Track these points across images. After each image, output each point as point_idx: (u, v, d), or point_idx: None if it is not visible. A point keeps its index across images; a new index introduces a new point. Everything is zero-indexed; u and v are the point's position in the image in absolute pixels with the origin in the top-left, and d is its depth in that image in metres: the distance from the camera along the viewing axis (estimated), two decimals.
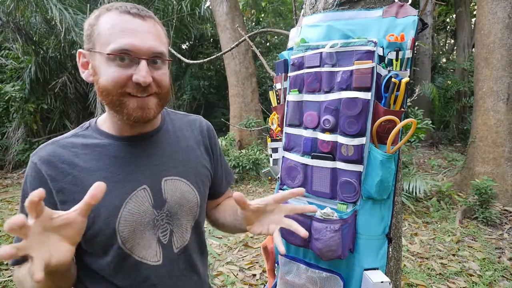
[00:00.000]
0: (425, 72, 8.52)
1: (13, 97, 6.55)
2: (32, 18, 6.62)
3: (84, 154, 0.66)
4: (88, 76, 0.66)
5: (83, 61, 0.67)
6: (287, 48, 1.06)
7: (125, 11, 0.63)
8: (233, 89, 6.16)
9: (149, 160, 0.70)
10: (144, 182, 0.68)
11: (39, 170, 0.63)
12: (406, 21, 0.83)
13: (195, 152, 0.79)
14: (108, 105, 0.64)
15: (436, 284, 2.40)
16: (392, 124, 0.82)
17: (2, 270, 2.64)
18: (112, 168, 0.66)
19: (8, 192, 5.22)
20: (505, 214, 3.65)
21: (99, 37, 0.62)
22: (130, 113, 0.63)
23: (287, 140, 0.99)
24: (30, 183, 0.64)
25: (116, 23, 0.62)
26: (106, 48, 0.61)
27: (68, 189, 0.63)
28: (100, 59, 0.62)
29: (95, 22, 0.63)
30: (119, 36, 0.61)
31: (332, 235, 0.83)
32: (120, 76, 0.61)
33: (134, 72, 0.61)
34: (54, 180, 0.63)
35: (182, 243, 0.72)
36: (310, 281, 0.93)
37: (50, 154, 0.65)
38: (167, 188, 0.71)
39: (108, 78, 0.61)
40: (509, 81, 3.87)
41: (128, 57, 0.61)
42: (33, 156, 0.65)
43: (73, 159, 0.65)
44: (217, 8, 5.97)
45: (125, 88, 0.62)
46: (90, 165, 0.65)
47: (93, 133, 0.69)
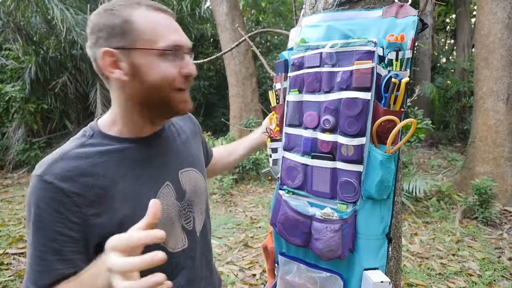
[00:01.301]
0: (425, 72, 8.52)
1: (13, 97, 6.55)
2: (32, 18, 6.62)
3: (103, 162, 0.62)
4: (121, 75, 0.62)
5: (110, 61, 0.61)
6: (287, 48, 1.06)
7: (156, 8, 0.62)
8: (233, 89, 6.16)
9: (164, 157, 0.73)
10: (166, 179, 0.71)
11: (59, 189, 0.57)
12: (406, 21, 0.83)
13: (193, 142, 0.86)
14: (154, 103, 0.64)
15: (436, 284, 2.40)
16: (392, 124, 0.82)
17: (2, 270, 2.65)
18: (136, 172, 0.66)
19: (8, 192, 5.22)
20: (505, 214, 3.65)
21: (142, 34, 0.59)
22: (178, 107, 0.65)
23: (287, 140, 0.99)
24: (47, 204, 0.57)
25: (157, 20, 0.61)
26: (156, 45, 0.60)
27: (98, 201, 0.60)
28: (147, 56, 0.60)
29: (128, 17, 0.59)
30: (167, 32, 0.61)
31: (332, 235, 0.84)
32: (172, 71, 0.61)
33: (181, 66, 0.63)
34: (79, 195, 0.58)
35: (201, 226, 0.80)
36: (310, 281, 0.93)
37: (66, 169, 0.59)
38: (184, 180, 0.76)
39: (160, 74, 0.61)
40: (509, 81, 3.88)
41: (178, 52, 0.62)
42: (45, 176, 0.57)
43: (93, 170, 0.61)
44: (217, 8, 5.97)
45: (175, 83, 0.63)
46: (113, 172, 0.63)
47: (103, 140, 0.66)
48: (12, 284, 2.45)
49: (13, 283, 2.45)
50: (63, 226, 0.57)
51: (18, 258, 2.84)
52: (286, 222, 0.92)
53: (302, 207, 0.92)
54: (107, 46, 0.60)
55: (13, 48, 6.76)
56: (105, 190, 0.61)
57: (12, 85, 6.62)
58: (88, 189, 0.59)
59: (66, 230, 0.58)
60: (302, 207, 0.92)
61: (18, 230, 3.50)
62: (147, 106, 0.65)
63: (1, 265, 2.70)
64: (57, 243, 0.57)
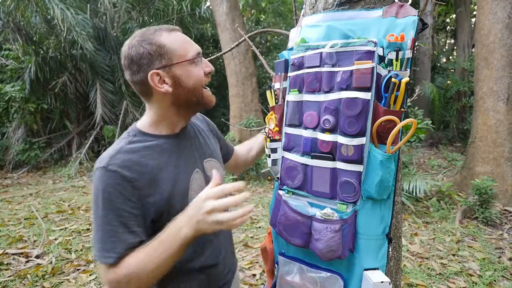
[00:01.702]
0: (425, 72, 8.52)
1: (13, 97, 6.55)
2: (32, 18, 6.62)
3: (148, 154, 0.78)
4: (167, 87, 0.78)
5: (157, 79, 0.77)
6: (287, 48, 1.06)
7: (172, 29, 0.79)
8: (233, 89, 6.16)
9: (191, 149, 0.89)
10: (196, 166, 0.87)
11: (122, 176, 0.72)
12: (406, 21, 0.83)
13: (210, 137, 1.02)
14: (192, 103, 0.82)
15: (436, 284, 2.40)
16: (392, 124, 0.82)
17: (2, 270, 2.65)
18: (172, 160, 0.81)
19: (8, 192, 5.22)
20: (505, 214, 3.65)
21: (174, 52, 0.76)
22: (209, 99, 0.84)
23: (286, 140, 0.99)
24: (114, 189, 0.71)
25: (177, 39, 0.78)
26: (187, 56, 0.77)
27: (149, 184, 0.75)
28: (182, 67, 0.77)
29: (160, 43, 0.76)
30: (189, 45, 0.79)
31: (332, 235, 0.83)
32: (201, 73, 0.80)
33: (203, 67, 0.81)
34: (136, 180, 0.73)
35: None
36: (310, 281, 0.93)
37: (124, 160, 0.74)
38: (208, 167, 0.91)
39: (195, 77, 0.79)
40: (509, 81, 3.87)
41: (200, 57, 0.80)
42: (109, 166, 0.72)
43: (143, 161, 0.76)
44: (217, 8, 5.97)
45: (202, 82, 0.82)
46: (157, 163, 0.78)
47: (145, 137, 0.81)
48: (12, 284, 2.44)
49: (12, 283, 2.45)
50: (127, 205, 0.72)
51: (18, 258, 2.84)
52: (286, 222, 0.92)
53: (302, 208, 0.91)
54: (151, 69, 0.75)
55: (13, 48, 6.76)
56: (153, 176, 0.76)
57: (12, 85, 6.62)
58: (141, 176, 0.74)
59: (129, 208, 0.72)
60: (302, 207, 0.92)
61: (17, 230, 3.50)
62: (186, 106, 0.83)
63: (1, 265, 2.70)
64: (124, 219, 0.72)
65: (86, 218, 3.87)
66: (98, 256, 0.71)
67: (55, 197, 4.87)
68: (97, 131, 7.28)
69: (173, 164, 0.81)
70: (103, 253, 0.70)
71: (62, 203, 4.50)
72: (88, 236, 3.35)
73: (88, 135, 7.49)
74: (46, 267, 2.67)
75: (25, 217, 3.91)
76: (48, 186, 5.64)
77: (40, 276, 2.54)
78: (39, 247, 3.02)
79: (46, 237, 3.26)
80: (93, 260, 2.78)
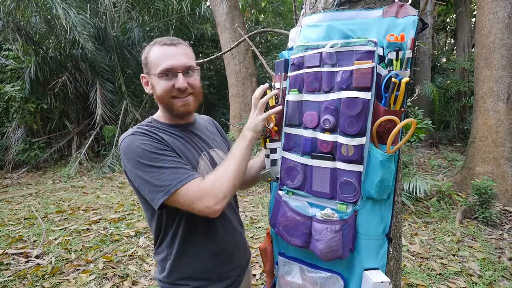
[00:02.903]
0: (425, 72, 8.52)
1: (13, 97, 6.55)
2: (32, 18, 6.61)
3: (162, 133, 0.94)
4: (149, 90, 0.98)
5: (145, 81, 0.99)
6: (287, 48, 1.06)
7: (163, 43, 0.94)
8: (233, 89, 6.15)
9: (199, 138, 1.05)
10: (203, 151, 1.02)
11: (151, 132, 0.91)
12: (406, 21, 0.83)
13: (216, 136, 1.16)
14: (164, 107, 0.98)
15: (436, 284, 2.40)
16: (392, 124, 0.82)
17: (2, 270, 2.64)
18: (181, 143, 0.97)
19: (8, 192, 5.21)
20: (505, 214, 3.65)
21: (151, 64, 0.94)
22: (178, 109, 0.95)
23: (286, 140, 0.99)
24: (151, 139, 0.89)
25: (159, 53, 0.93)
26: (157, 70, 0.92)
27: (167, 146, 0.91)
28: (154, 78, 0.94)
29: (147, 54, 0.95)
30: (162, 60, 0.92)
31: (333, 235, 0.83)
32: (168, 86, 0.93)
33: (176, 82, 0.92)
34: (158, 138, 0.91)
35: None
36: (310, 281, 0.93)
37: (147, 129, 0.92)
38: (214, 155, 1.05)
39: (161, 88, 0.93)
40: (509, 81, 3.87)
41: (170, 73, 0.92)
42: (138, 129, 0.92)
43: (159, 135, 0.92)
44: (217, 8, 5.96)
45: (171, 93, 0.93)
46: (170, 140, 0.93)
47: (159, 124, 0.99)
48: (12, 284, 2.44)
49: (12, 283, 2.45)
50: (168, 149, 0.90)
51: (18, 258, 2.84)
52: (286, 222, 0.92)
53: (302, 208, 0.91)
54: (143, 73, 0.99)
55: (13, 48, 6.75)
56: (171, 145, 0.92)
57: (12, 85, 6.61)
58: (161, 139, 0.91)
59: (171, 151, 0.90)
60: (302, 207, 0.91)
61: (17, 230, 3.50)
62: (163, 109, 1.00)
63: (1, 265, 2.70)
64: (175, 157, 0.89)
65: (86, 218, 3.87)
66: (186, 178, 0.84)
67: (55, 197, 4.87)
68: (97, 131, 7.28)
69: (182, 145, 0.96)
70: (183, 179, 0.84)
71: (62, 203, 4.50)
72: (87, 236, 3.35)
73: (88, 135, 7.49)
74: (46, 267, 2.67)
75: (25, 217, 3.91)
76: (48, 186, 5.64)
77: (40, 276, 2.54)
78: (39, 247, 3.02)
79: (46, 237, 3.26)
80: (93, 260, 2.78)
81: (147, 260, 2.84)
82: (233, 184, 0.86)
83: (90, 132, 7.49)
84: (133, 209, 4.19)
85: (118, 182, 5.80)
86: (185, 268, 0.95)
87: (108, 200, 4.66)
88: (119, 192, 5.09)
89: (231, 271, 1.02)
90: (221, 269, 0.99)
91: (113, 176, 6.27)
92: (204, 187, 0.84)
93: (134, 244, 3.14)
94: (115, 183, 5.73)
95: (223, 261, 1.00)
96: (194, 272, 0.96)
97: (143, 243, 3.16)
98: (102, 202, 4.55)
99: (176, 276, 0.96)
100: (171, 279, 0.96)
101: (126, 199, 4.68)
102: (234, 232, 1.05)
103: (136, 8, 7.67)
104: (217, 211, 0.84)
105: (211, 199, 0.83)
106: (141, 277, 2.57)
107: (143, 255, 2.91)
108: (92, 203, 4.51)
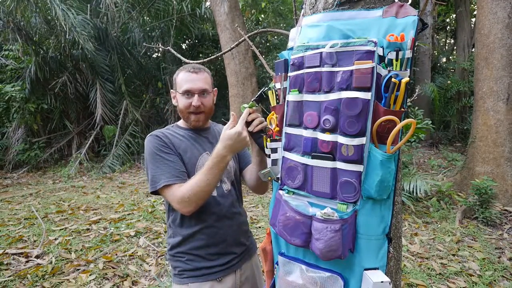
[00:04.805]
0: (425, 72, 8.52)
1: (13, 97, 6.55)
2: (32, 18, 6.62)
3: (175, 136, 1.23)
4: (175, 103, 1.28)
5: (173, 95, 1.28)
6: (287, 48, 1.06)
7: (188, 70, 1.23)
8: (233, 89, 6.15)
9: (207, 140, 1.30)
10: (206, 150, 1.26)
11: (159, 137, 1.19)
12: (406, 21, 0.83)
13: None
14: (183, 118, 1.27)
15: (436, 284, 2.40)
16: (392, 124, 0.82)
17: (2, 270, 2.65)
18: (189, 143, 1.24)
19: (8, 192, 5.22)
20: (505, 214, 3.65)
21: (177, 84, 1.24)
22: (191, 123, 1.26)
23: (287, 140, 0.99)
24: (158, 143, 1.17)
25: (183, 77, 1.23)
26: (180, 90, 1.22)
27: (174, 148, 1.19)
28: (178, 95, 1.24)
29: (177, 76, 1.25)
30: (184, 83, 1.21)
31: (332, 235, 0.83)
32: (187, 103, 1.22)
33: (192, 101, 1.21)
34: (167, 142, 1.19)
35: (228, 188, 1.26)
36: (310, 281, 0.93)
37: (161, 133, 1.21)
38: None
39: (182, 104, 1.23)
40: (509, 81, 3.88)
41: (189, 93, 1.21)
42: (152, 134, 1.21)
43: (171, 137, 1.21)
44: (217, 8, 5.96)
45: (189, 109, 1.22)
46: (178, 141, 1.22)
47: (176, 129, 1.29)
48: (12, 284, 2.44)
49: (12, 283, 2.45)
50: (171, 151, 1.17)
51: (18, 258, 2.84)
52: (286, 222, 0.92)
53: (303, 207, 0.91)
54: (172, 89, 1.29)
55: (13, 48, 6.75)
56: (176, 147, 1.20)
57: (12, 85, 6.61)
58: (169, 142, 1.20)
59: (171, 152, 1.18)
60: (302, 207, 0.92)
61: (17, 230, 3.50)
62: (183, 118, 1.28)
63: (1, 265, 2.70)
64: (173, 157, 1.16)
65: (86, 218, 3.87)
66: (166, 181, 1.10)
67: (55, 197, 4.87)
68: (97, 131, 7.28)
69: (186, 146, 1.23)
70: (170, 178, 1.10)
71: (62, 203, 4.50)
72: (88, 236, 3.35)
73: (88, 135, 7.50)
74: (46, 267, 2.67)
75: (25, 217, 3.91)
76: (48, 186, 5.64)
77: (40, 276, 2.54)
78: (39, 247, 3.02)
79: (46, 237, 3.26)
80: (93, 260, 2.78)
81: (147, 260, 2.84)
82: (203, 192, 1.07)
83: (90, 132, 7.50)
84: (133, 209, 4.19)
85: (118, 182, 5.81)
86: (183, 243, 1.19)
87: (108, 200, 4.66)
88: (119, 192, 5.10)
89: (225, 254, 1.21)
90: (213, 250, 1.18)
91: (113, 176, 6.28)
92: (179, 194, 1.08)
93: (134, 244, 3.14)
94: (115, 183, 5.73)
95: (216, 243, 1.19)
96: (189, 247, 1.18)
97: (143, 243, 3.16)
98: (102, 202, 4.55)
99: (177, 249, 1.20)
100: (173, 251, 1.21)
101: (126, 199, 4.68)
102: (227, 221, 1.22)
103: (136, 8, 7.67)
104: (188, 212, 1.09)
105: (182, 204, 1.08)
106: (141, 277, 2.57)
107: (143, 255, 2.91)
108: (92, 203, 4.51)
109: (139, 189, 5.22)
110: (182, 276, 1.17)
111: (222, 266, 1.19)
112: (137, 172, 6.59)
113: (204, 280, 1.16)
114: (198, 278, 1.16)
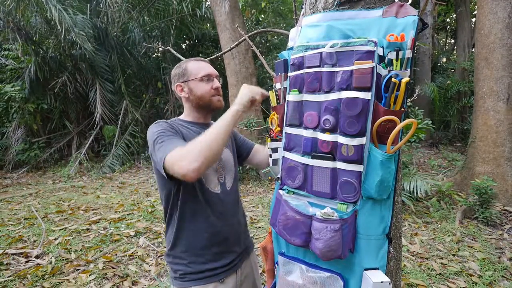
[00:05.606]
0: (425, 72, 8.51)
1: (13, 97, 6.55)
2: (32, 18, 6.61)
3: (181, 127, 1.18)
4: (184, 95, 1.23)
5: (179, 89, 1.23)
6: (287, 48, 1.06)
7: (198, 60, 1.26)
8: (233, 89, 6.15)
9: None
10: None
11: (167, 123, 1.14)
12: (406, 21, 0.83)
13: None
14: (202, 105, 1.22)
15: (436, 284, 2.40)
16: (392, 124, 0.82)
17: (2, 270, 2.64)
18: (196, 134, 1.10)
19: (8, 192, 5.21)
20: (505, 214, 3.65)
21: (191, 72, 1.21)
22: (215, 104, 1.22)
23: (287, 140, 0.99)
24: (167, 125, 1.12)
25: (197, 65, 1.23)
26: (198, 76, 1.20)
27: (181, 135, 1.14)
28: (194, 83, 1.20)
29: (185, 67, 1.23)
30: (203, 69, 1.21)
31: (332, 235, 0.83)
32: (208, 87, 1.20)
33: (213, 84, 1.21)
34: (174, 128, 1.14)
35: (231, 185, 1.23)
36: (310, 281, 0.93)
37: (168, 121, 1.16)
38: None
39: (202, 89, 1.20)
40: (509, 81, 3.87)
41: (209, 77, 1.21)
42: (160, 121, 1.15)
43: (177, 128, 1.16)
44: (217, 8, 5.96)
45: (210, 92, 1.20)
46: (185, 132, 1.16)
47: (181, 122, 1.24)
48: (12, 284, 2.44)
49: (12, 283, 2.45)
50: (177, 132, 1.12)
51: (18, 258, 2.84)
52: (286, 222, 0.92)
53: (303, 207, 0.91)
54: (177, 82, 1.23)
55: (13, 48, 6.75)
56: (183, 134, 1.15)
57: (12, 85, 6.61)
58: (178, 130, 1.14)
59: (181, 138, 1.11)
60: (302, 207, 0.91)
61: (17, 230, 3.50)
62: (198, 107, 1.24)
63: (1, 265, 2.70)
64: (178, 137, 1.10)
65: (86, 218, 3.87)
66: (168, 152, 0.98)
67: (54, 197, 4.87)
68: (97, 131, 7.28)
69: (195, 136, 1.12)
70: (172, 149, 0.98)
71: (61, 203, 4.50)
72: (87, 236, 3.35)
73: (88, 135, 7.49)
74: (46, 267, 2.67)
75: (25, 217, 3.91)
76: (47, 186, 5.64)
77: (40, 276, 2.54)
78: (39, 247, 3.02)
79: (45, 237, 3.26)
80: (93, 260, 2.78)
81: (147, 260, 2.84)
82: (209, 150, 0.94)
83: (90, 132, 7.50)
84: (133, 209, 4.19)
85: (118, 182, 5.80)
86: (184, 243, 1.15)
87: (108, 200, 4.66)
88: (119, 192, 5.10)
89: (227, 253, 1.18)
90: (216, 249, 1.15)
91: (113, 176, 6.28)
92: (183, 151, 0.96)
93: (134, 244, 3.14)
94: (115, 183, 5.73)
95: (219, 242, 1.16)
96: (191, 247, 1.14)
97: (143, 243, 3.16)
98: (102, 202, 4.55)
99: (177, 250, 1.16)
100: (174, 252, 1.16)
101: (126, 199, 4.68)
102: (230, 219, 1.20)
103: (136, 8, 7.67)
104: (190, 171, 0.91)
105: (185, 161, 0.92)
106: (141, 277, 2.57)
107: (143, 255, 2.91)
108: (92, 203, 4.51)
109: (139, 189, 5.22)
110: (184, 280, 1.15)
111: (224, 267, 1.18)
112: (137, 172, 6.59)
113: (206, 282, 1.14)
114: (201, 280, 1.14)
